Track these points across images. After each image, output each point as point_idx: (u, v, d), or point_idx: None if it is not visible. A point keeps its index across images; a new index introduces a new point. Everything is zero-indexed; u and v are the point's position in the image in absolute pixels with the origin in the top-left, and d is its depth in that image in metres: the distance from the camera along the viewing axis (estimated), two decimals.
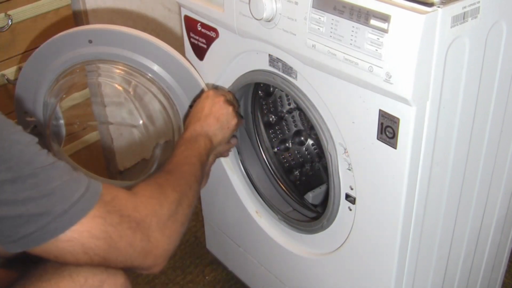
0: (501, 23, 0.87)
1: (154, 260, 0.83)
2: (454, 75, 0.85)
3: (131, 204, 0.82)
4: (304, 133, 1.43)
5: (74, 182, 0.76)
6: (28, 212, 0.72)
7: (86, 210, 0.75)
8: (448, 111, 0.87)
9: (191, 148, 1.04)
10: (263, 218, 1.30)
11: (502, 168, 1.07)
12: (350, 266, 1.08)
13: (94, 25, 1.19)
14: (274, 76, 1.06)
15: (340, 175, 1.02)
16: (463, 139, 0.94)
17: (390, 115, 0.86)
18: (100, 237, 0.76)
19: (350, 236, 1.05)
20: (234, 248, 1.45)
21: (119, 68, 1.20)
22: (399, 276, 1.00)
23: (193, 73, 1.20)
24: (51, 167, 0.75)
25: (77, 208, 0.75)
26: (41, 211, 0.72)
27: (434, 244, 1.03)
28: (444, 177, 0.95)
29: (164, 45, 1.17)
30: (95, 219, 0.76)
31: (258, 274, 1.41)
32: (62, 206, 0.73)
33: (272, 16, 0.95)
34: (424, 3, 0.77)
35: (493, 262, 1.26)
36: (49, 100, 1.24)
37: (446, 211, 1.00)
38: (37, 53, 1.18)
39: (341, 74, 0.89)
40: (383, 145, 0.89)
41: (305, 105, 1.01)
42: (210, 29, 1.16)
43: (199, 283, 1.55)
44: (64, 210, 0.73)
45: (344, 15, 0.83)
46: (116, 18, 1.75)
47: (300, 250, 1.21)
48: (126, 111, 1.41)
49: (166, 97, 1.22)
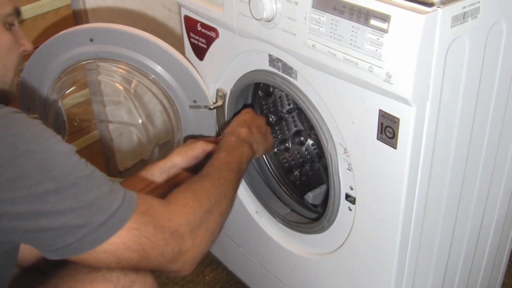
0: (501, 23, 0.87)
1: (182, 265, 0.84)
2: (454, 75, 0.85)
3: (165, 214, 0.82)
4: (304, 133, 1.43)
5: (112, 192, 0.77)
6: (68, 224, 0.73)
7: (123, 222, 0.76)
8: (448, 111, 0.87)
9: (233, 154, 1.03)
10: (263, 218, 1.30)
11: (502, 168, 1.07)
12: (350, 266, 1.08)
13: (96, 23, 1.20)
14: (274, 76, 1.06)
15: (340, 175, 1.02)
16: (463, 139, 0.94)
17: (390, 115, 0.86)
18: (133, 249, 0.78)
19: (350, 236, 1.05)
20: (234, 248, 1.45)
21: (119, 67, 1.20)
22: (399, 276, 1.00)
23: (193, 73, 1.20)
24: (90, 177, 0.76)
25: (114, 220, 0.76)
26: (81, 223, 0.73)
27: (434, 244, 1.03)
28: (444, 177, 0.95)
29: (164, 44, 1.17)
30: (130, 231, 0.77)
31: (258, 274, 1.41)
32: (100, 218, 0.74)
33: (272, 16, 0.95)
34: (424, 3, 0.77)
35: (493, 262, 1.25)
36: (51, 98, 1.24)
37: (446, 211, 1.00)
38: (40, 51, 1.19)
39: (341, 74, 0.89)
40: (383, 145, 0.89)
41: (305, 105, 1.01)
42: (210, 29, 1.16)
43: (199, 283, 1.55)
44: (102, 222, 0.74)
45: (344, 15, 0.83)
46: (116, 18, 1.75)
47: (300, 250, 1.21)
48: (125, 110, 1.41)
49: (166, 97, 1.22)
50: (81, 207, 0.74)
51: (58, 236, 0.73)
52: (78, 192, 0.74)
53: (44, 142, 0.74)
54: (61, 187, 0.72)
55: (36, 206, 0.71)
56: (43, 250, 0.76)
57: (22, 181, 0.70)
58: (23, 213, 0.71)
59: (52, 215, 0.72)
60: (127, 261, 0.78)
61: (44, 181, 0.71)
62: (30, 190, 0.71)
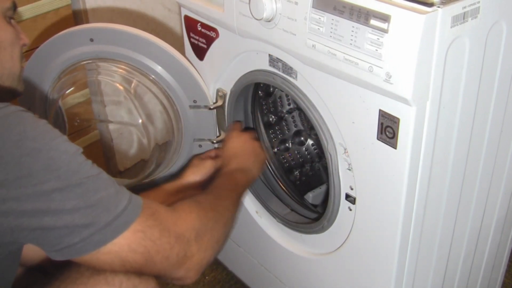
0: (501, 23, 0.87)
1: (186, 272, 0.84)
2: (454, 75, 0.85)
3: (171, 218, 0.83)
4: (304, 133, 1.43)
5: (118, 194, 0.78)
6: (73, 223, 0.73)
7: (128, 224, 0.77)
8: (448, 111, 0.87)
9: (229, 180, 1.08)
10: (263, 218, 1.30)
11: (502, 168, 1.07)
12: (350, 266, 1.08)
13: (96, 23, 1.20)
14: (274, 76, 1.06)
15: (340, 175, 1.02)
16: (463, 139, 0.94)
17: (390, 115, 0.86)
18: (138, 251, 0.78)
19: (350, 236, 1.05)
20: (234, 248, 1.45)
21: (120, 67, 1.20)
22: (399, 276, 1.00)
23: (193, 73, 1.20)
24: (97, 178, 0.76)
25: (120, 221, 0.76)
26: (86, 222, 0.73)
27: (434, 244, 1.03)
28: (444, 177, 0.95)
29: (164, 44, 1.17)
30: (136, 233, 0.77)
31: (258, 274, 1.41)
32: (106, 218, 0.75)
33: (272, 16, 0.95)
34: (424, 3, 0.77)
35: (493, 262, 1.25)
36: (51, 98, 1.24)
37: (446, 211, 1.00)
38: (40, 51, 1.19)
39: (341, 74, 0.89)
40: (383, 145, 0.89)
41: (305, 105, 1.01)
42: (210, 29, 1.16)
43: (199, 283, 1.55)
44: (107, 223, 0.75)
45: (344, 15, 0.83)
46: (116, 18, 1.75)
47: (300, 250, 1.21)
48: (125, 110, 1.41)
49: (166, 97, 1.22)
50: (87, 206, 0.74)
51: (63, 235, 0.73)
52: (84, 192, 0.74)
53: (51, 141, 0.74)
54: (67, 186, 0.73)
55: (42, 204, 0.71)
56: (48, 250, 0.76)
57: (28, 179, 0.71)
58: (29, 211, 0.71)
59: (57, 213, 0.72)
60: (131, 264, 0.78)
61: (50, 180, 0.72)
62: (36, 188, 0.71)
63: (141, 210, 0.79)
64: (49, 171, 0.72)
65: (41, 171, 0.71)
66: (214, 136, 1.28)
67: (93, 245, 0.75)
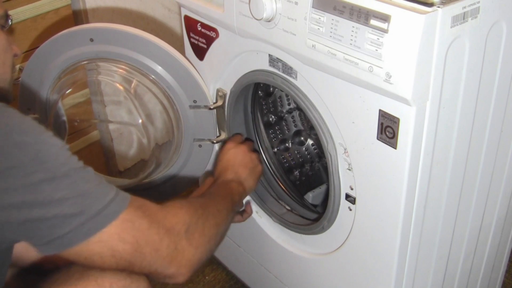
0: (501, 23, 0.87)
1: (177, 268, 0.84)
2: (454, 75, 0.85)
3: (161, 212, 0.84)
4: (304, 133, 1.43)
5: (105, 186, 0.78)
6: (63, 212, 0.73)
7: (118, 213, 0.77)
8: (448, 111, 0.87)
9: (224, 188, 1.09)
10: (263, 218, 1.30)
11: (502, 168, 1.07)
12: (350, 266, 1.08)
13: (96, 23, 1.20)
14: (274, 76, 1.06)
15: (340, 175, 1.02)
16: (463, 139, 0.94)
17: (390, 115, 0.86)
18: (127, 241, 0.78)
19: (350, 236, 1.05)
20: (234, 248, 1.45)
21: (120, 67, 1.20)
22: (399, 276, 1.00)
23: (193, 73, 1.20)
24: (84, 170, 0.77)
25: (109, 210, 0.76)
26: (76, 211, 0.74)
27: (434, 244, 1.03)
28: (444, 177, 0.95)
29: (164, 44, 1.17)
30: (125, 222, 0.78)
31: (258, 274, 1.41)
32: (95, 207, 0.75)
33: (272, 16, 0.95)
34: (424, 3, 0.77)
35: (493, 262, 1.25)
36: (51, 98, 1.24)
37: (446, 211, 1.00)
38: (40, 51, 1.19)
39: (341, 74, 0.89)
40: (383, 145, 0.89)
41: (305, 105, 1.01)
42: (210, 29, 1.16)
43: (199, 283, 1.55)
44: (97, 211, 0.75)
45: (344, 15, 0.83)
46: (116, 18, 1.75)
47: (300, 250, 1.21)
48: (125, 110, 1.41)
49: (166, 97, 1.22)
50: (76, 195, 0.74)
51: (53, 226, 0.73)
52: (72, 182, 0.74)
53: (39, 135, 0.74)
54: (55, 177, 0.73)
55: (30, 195, 0.71)
56: (38, 244, 0.75)
57: (16, 170, 0.71)
58: (17, 203, 0.71)
59: (46, 204, 0.72)
60: (121, 254, 0.78)
61: (39, 171, 0.72)
62: (24, 180, 0.71)
63: (129, 202, 0.79)
64: (38, 163, 0.72)
65: (29, 163, 0.71)
66: (214, 136, 1.28)
67: (83, 235, 0.75)
